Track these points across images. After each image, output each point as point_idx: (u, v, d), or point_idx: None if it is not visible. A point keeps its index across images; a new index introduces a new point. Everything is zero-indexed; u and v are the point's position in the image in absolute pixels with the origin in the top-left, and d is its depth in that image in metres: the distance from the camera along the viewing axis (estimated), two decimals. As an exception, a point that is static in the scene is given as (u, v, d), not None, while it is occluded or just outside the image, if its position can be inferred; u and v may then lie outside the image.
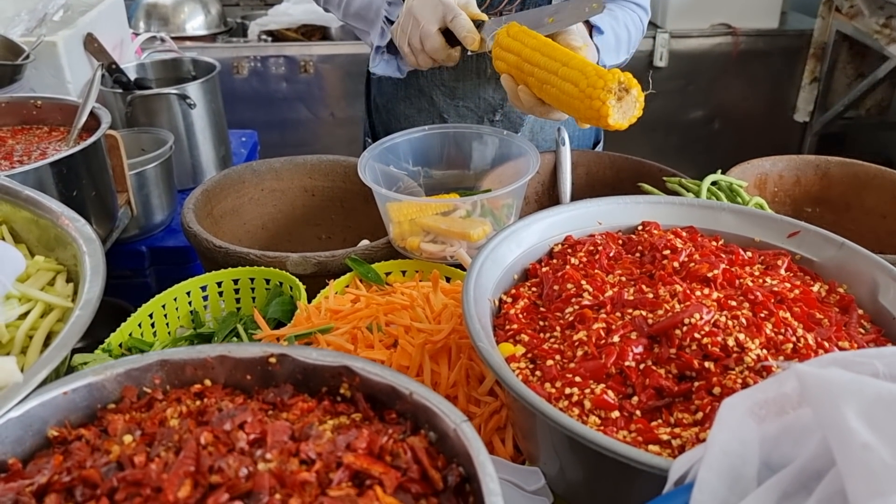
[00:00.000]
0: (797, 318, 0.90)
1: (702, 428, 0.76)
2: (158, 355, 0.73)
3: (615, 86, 1.12)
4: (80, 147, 1.47)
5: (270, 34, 4.00)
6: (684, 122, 4.17)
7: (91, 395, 0.71)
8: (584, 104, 1.15)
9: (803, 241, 1.06)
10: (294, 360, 0.74)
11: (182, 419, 0.67)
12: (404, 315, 1.11)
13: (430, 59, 1.46)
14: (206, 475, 0.58)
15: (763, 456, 0.63)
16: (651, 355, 0.85)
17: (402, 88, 1.83)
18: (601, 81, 1.12)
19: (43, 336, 0.80)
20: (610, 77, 1.12)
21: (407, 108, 1.84)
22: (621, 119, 1.15)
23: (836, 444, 0.56)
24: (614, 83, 1.12)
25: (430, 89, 1.78)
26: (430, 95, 1.78)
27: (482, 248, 0.98)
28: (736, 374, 0.80)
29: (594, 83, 1.13)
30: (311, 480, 0.59)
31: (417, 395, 0.69)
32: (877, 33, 3.45)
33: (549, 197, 1.70)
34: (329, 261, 1.29)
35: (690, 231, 1.10)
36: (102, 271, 0.84)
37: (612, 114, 1.13)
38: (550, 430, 0.80)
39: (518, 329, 0.92)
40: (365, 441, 0.64)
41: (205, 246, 1.36)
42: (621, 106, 1.14)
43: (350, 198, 1.71)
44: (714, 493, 0.61)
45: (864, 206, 1.66)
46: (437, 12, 1.39)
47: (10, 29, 2.26)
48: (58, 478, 0.60)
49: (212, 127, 2.26)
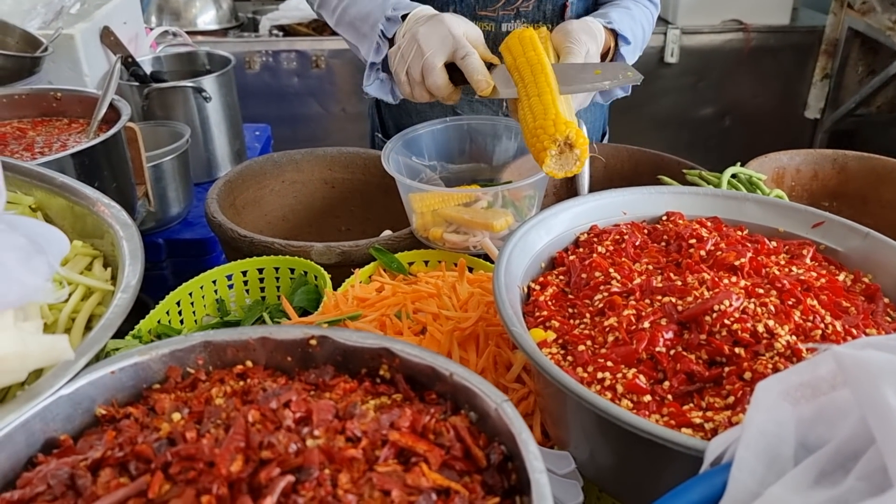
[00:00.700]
0: (824, 305, 0.91)
1: (734, 412, 0.77)
2: (202, 336, 0.74)
3: (560, 139, 1.15)
4: (102, 138, 1.48)
5: (282, 29, 4.01)
6: (695, 118, 4.17)
7: (137, 375, 0.72)
8: (530, 140, 1.19)
9: (828, 231, 1.07)
10: (334, 341, 0.75)
11: (227, 398, 0.69)
12: (431, 303, 1.12)
13: (428, 94, 1.36)
14: (257, 450, 0.60)
15: (799, 437, 0.64)
16: (681, 341, 0.86)
17: None
18: (551, 129, 1.15)
19: (85, 318, 0.82)
20: (560, 130, 1.14)
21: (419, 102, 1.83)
22: (557, 169, 1.18)
23: (875, 423, 0.57)
24: (561, 136, 1.14)
25: None
26: None
27: (511, 236, 1.00)
28: (767, 360, 0.81)
29: (545, 127, 1.16)
30: (359, 457, 0.61)
31: (458, 375, 0.70)
32: (889, 30, 3.45)
33: (568, 190, 1.71)
34: (353, 250, 1.30)
35: (715, 221, 1.11)
36: (141, 255, 0.85)
37: (549, 162, 1.16)
38: (582, 414, 0.81)
39: (548, 315, 0.93)
40: (408, 420, 0.65)
41: (229, 235, 1.37)
42: (560, 158, 1.17)
43: (370, 190, 1.72)
44: (753, 471, 0.62)
45: (882, 199, 1.67)
46: (445, 45, 1.29)
47: (27, 22, 2.27)
48: (111, 453, 0.61)
49: (227, 120, 2.28)
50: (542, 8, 1.63)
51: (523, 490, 0.62)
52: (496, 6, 1.60)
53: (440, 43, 1.29)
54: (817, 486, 0.60)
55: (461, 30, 1.31)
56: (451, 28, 1.29)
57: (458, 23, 1.31)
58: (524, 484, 0.61)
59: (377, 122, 2.01)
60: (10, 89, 1.68)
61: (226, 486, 0.57)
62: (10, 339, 0.61)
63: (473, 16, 1.60)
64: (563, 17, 1.65)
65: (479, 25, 1.61)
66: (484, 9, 1.61)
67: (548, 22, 1.65)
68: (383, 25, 1.43)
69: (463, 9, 1.59)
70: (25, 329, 0.66)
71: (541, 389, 0.93)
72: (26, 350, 0.63)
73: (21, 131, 1.64)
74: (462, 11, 1.59)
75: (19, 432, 0.64)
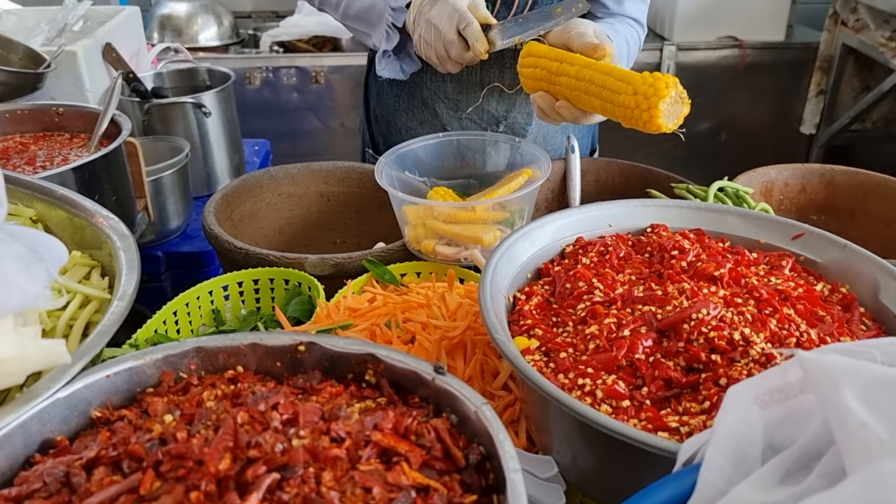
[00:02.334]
0: (801, 314, 0.94)
1: (709, 416, 0.80)
2: (194, 342, 0.77)
3: (671, 92, 1.19)
4: (102, 153, 1.51)
5: (282, 45, 4.06)
6: (691, 133, 4.16)
7: (132, 379, 0.75)
8: (636, 112, 1.21)
9: (807, 242, 1.10)
10: (322, 347, 0.78)
11: (218, 401, 0.71)
12: (421, 313, 1.15)
13: (459, 64, 1.51)
14: (245, 450, 0.62)
15: (767, 438, 0.67)
16: (660, 349, 0.89)
17: (403, 100, 1.85)
18: (652, 90, 1.19)
19: (82, 326, 0.84)
20: (661, 84, 1.19)
21: (409, 119, 1.87)
22: (668, 118, 1.21)
23: (835, 423, 0.60)
24: (667, 91, 1.18)
25: (433, 101, 1.81)
26: (434, 108, 1.81)
27: (497, 247, 1.02)
28: (742, 366, 0.84)
29: (646, 92, 1.19)
30: (342, 456, 0.63)
31: (440, 380, 0.73)
32: (882, 46, 3.49)
33: (559, 203, 1.75)
34: (346, 262, 1.33)
35: (698, 233, 1.13)
36: (138, 265, 0.88)
37: (662, 107, 1.19)
38: (564, 419, 0.84)
39: (532, 324, 0.96)
40: (391, 422, 0.68)
41: (225, 247, 1.40)
42: (672, 108, 1.21)
43: (364, 203, 1.75)
44: (721, 471, 0.64)
45: (869, 213, 1.70)
46: (452, 20, 1.44)
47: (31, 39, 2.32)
48: (105, 452, 0.64)
49: (226, 135, 2.31)
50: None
51: (500, 489, 0.64)
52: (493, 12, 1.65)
53: (448, 19, 1.45)
54: (782, 485, 0.62)
55: (464, 2, 1.45)
56: (455, 4, 1.45)
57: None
58: (501, 483, 0.63)
59: (368, 139, 2.05)
60: (13, 105, 1.71)
61: (214, 483, 0.59)
62: (9, 342, 0.64)
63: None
64: None
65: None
66: None
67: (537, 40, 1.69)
68: (391, 15, 1.57)
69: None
70: (24, 333, 0.69)
71: (525, 396, 0.95)
72: (25, 353, 0.65)
73: (23, 146, 1.67)
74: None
75: (17, 433, 0.67)
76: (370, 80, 2.02)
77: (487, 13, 1.47)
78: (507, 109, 1.77)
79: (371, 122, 2.01)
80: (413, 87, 1.79)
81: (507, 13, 1.63)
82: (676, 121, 1.22)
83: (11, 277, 0.65)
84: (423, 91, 1.80)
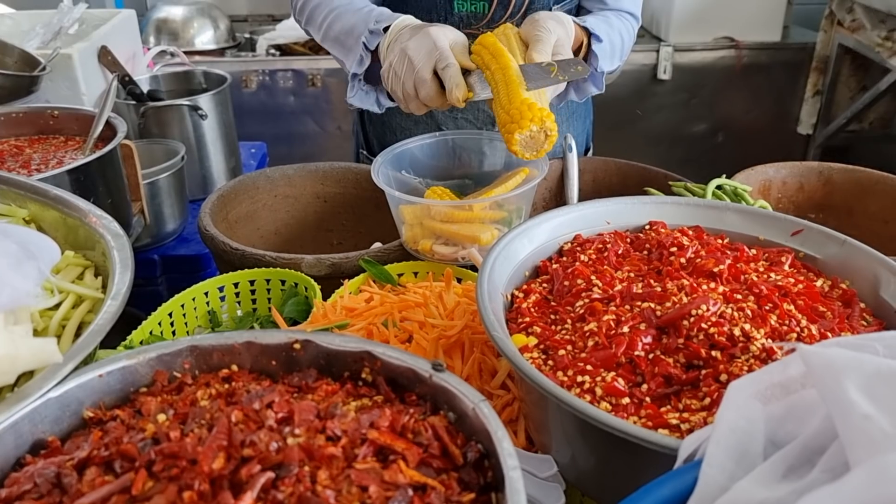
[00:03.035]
0: (801, 310, 0.93)
1: (709, 413, 0.79)
2: (188, 341, 0.76)
3: (534, 121, 1.20)
4: (97, 155, 1.51)
5: (278, 48, 4.06)
6: (688, 134, 4.21)
7: (125, 379, 0.74)
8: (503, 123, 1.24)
9: (806, 238, 1.09)
10: (317, 345, 0.77)
11: (212, 400, 0.70)
12: (418, 312, 1.14)
13: (424, 106, 1.38)
14: (239, 448, 0.61)
15: (769, 433, 0.66)
16: (659, 345, 0.88)
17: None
18: (521, 112, 1.20)
19: (75, 325, 0.83)
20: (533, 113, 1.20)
21: (403, 120, 1.85)
22: (524, 150, 1.24)
23: (838, 417, 0.59)
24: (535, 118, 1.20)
25: None
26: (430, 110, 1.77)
27: (495, 245, 1.02)
28: (742, 362, 0.83)
29: (515, 109, 1.20)
30: (338, 455, 0.62)
31: (437, 377, 0.72)
32: (879, 46, 3.49)
33: (557, 203, 1.74)
34: (343, 262, 1.32)
35: (696, 230, 1.13)
36: (131, 265, 0.87)
37: (517, 140, 1.22)
38: (563, 417, 0.83)
39: (530, 322, 0.95)
40: (387, 420, 0.67)
41: (221, 248, 1.39)
42: (530, 141, 1.23)
43: (361, 204, 1.74)
44: (722, 467, 0.63)
45: (867, 211, 1.69)
46: (431, 57, 1.31)
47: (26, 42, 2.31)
48: (97, 453, 0.63)
49: (222, 138, 2.30)
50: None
51: (499, 487, 0.63)
52: (480, 24, 1.63)
53: (427, 55, 1.31)
54: (784, 480, 0.61)
55: (447, 41, 1.33)
56: (437, 41, 1.32)
57: (443, 34, 1.33)
58: (499, 480, 0.62)
59: (362, 140, 2.03)
60: (9, 108, 1.71)
61: (207, 483, 0.58)
62: (0, 341, 0.63)
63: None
64: None
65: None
66: (468, 27, 1.63)
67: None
68: (366, 38, 1.45)
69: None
70: (16, 332, 0.68)
71: (524, 395, 0.94)
72: (17, 352, 0.64)
73: (18, 148, 1.66)
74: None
75: (8, 433, 0.66)
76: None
77: (469, 60, 1.35)
78: None
79: (365, 123, 1.98)
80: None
81: (504, 13, 1.62)
82: (535, 153, 1.25)
83: (2, 274, 0.64)
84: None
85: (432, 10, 1.62)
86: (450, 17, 1.62)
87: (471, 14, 1.62)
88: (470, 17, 1.62)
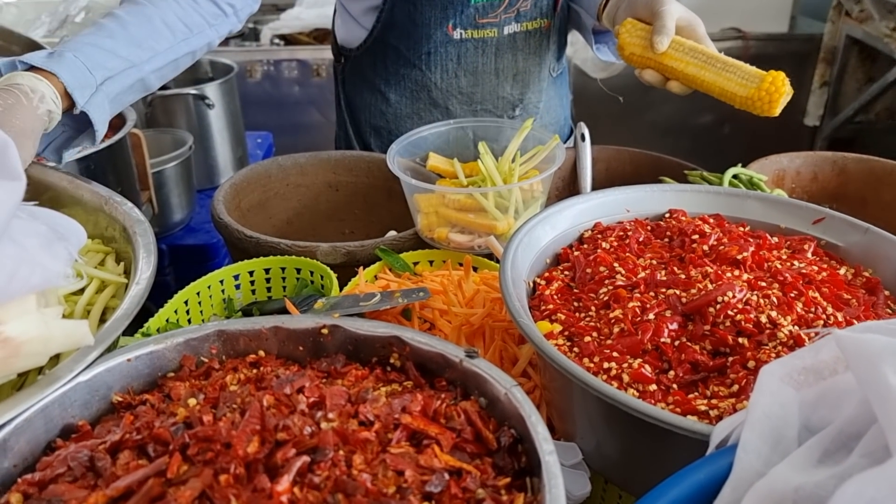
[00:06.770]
0: (826, 298, 0.93)
1: (738, 399, 0.79)
2: (215, 326, 0.76)
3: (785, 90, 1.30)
4: (107, 144, 1.50)
5: (283, 38, 4.04)
6: (695, 125, 4.19)
7: (153, 363, 0.73)
8: (758, 104, 1.35)
9: (828, 227, 1.09)
10: (345, 330, 0.76)
11: (241, 385, 0.70)
12: (437, 300, 1.13)
13: None
14: (273, 433, 0.61)
15: (802, 419, 0.66)
16: (685, 332, 0.88)
17: (405, 106, 1.77)
18: (773, 87, 1.31)
19: (100, 310, 0.83)
20: (780, 83, 1.31)
21: (416, 124, 1.76)
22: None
23: (876, 401, 0.59)
24: (784, 90, 1.31)
25: (444, 100, 1.74)
26: (446, 106, 1.75)
27: (517, 232, 1.01)
28: (770, 349, 0.82)
29: (768, 89, 1.32)
30: (372, 439, 0.62)
31: (468, 362, 0.71)
32: (887, 37, 3.47)
33: (570, 192, 1.73)
34: (358, 250, 1.31)
35: (717, 218, 1.12)
36: (154, 250, 0.87)
37: (778, 110, 1.34)
38: (588, 403, 0.83)
39: (554, 309, 0.95)
40: (419, 404, 0.67)
41: (235, 237, 1.38)
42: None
43: (373, 193, 1.73)
44: (758, 452, 0.63)
45: (882, 201, 1.68)
46: None
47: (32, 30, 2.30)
48: (129, 436, 0.63)
49: (229, 128, 2.30)
50: (539, 5, 1.65)
51: (533, 471, 0.63)
52: (497, 11, 1.62)
53: None
54: (821, 465, 0.61)
55: None
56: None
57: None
58: (534, 465, 0.62)
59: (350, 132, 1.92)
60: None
61: (243, 466, 0.58)
62: (33, 322, 0.63)
63: (475, 25, 1.62)
64: (556, 9, 1.67)
65: (481, 33, 1.63)
66: (485, 17, 1.62)
67: (544, 17, 1.67)
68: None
69: (464, 21, 1.61)
70: (48, 314, 0.68)
71: (547, 382, 0.94)
72: (49, 334, 0.64)
73: (28, 137, 1.65)
74: (464, 24, 1.60)
75: (39, 417, 0.66)
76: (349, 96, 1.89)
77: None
78: (522, 91, 1.74)
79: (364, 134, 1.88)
80: (417, 91, 1.73)
81: (501, 3, 1.60)
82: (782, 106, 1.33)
83: (34, 254, 0.64)
84: (430, 92, 1.73)
85: (448, 6, 1.60)
86: (466, 9, 1.60)
87: (486, 4, 1.61)
88: (486, 6, 1.61)
